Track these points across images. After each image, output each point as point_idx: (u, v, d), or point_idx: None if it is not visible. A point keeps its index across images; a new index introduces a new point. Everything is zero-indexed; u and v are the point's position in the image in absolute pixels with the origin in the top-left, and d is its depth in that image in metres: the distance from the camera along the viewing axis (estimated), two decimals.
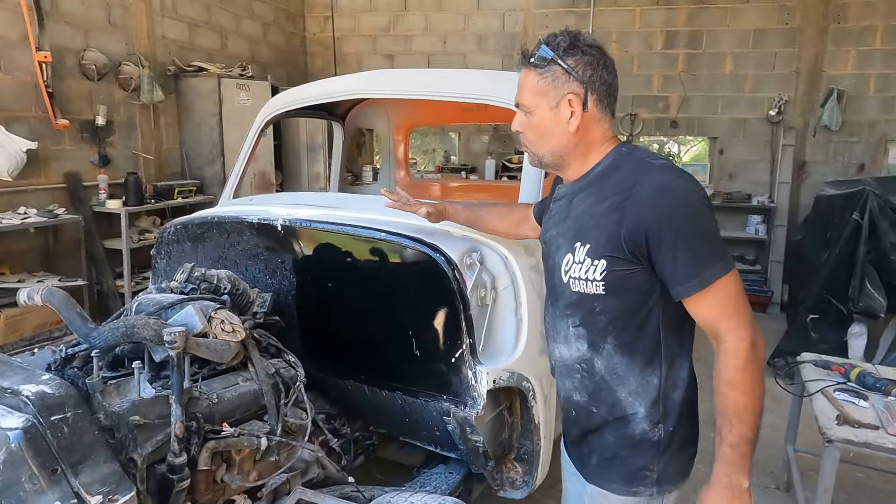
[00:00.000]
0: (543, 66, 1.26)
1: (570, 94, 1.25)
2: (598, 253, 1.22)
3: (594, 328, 1.29)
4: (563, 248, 1.31)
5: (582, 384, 1.36)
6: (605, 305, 1.26)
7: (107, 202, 4.70)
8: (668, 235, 1.16)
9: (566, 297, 1.32)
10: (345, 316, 2.09)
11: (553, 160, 1.34)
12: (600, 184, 1.28)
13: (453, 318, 1.84)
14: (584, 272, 1.25)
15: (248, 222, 2.20)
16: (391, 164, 3.88)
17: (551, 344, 1.44)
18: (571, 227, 1.30)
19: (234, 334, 1.63)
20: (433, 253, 1.84)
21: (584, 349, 1.32)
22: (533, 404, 2.03)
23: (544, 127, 1.30)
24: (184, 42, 5.72)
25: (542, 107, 1.28)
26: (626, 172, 1.24)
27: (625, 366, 1.29)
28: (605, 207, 1.23)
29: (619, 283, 1.22)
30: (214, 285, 1.87)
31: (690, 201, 1.18)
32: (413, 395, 1.97)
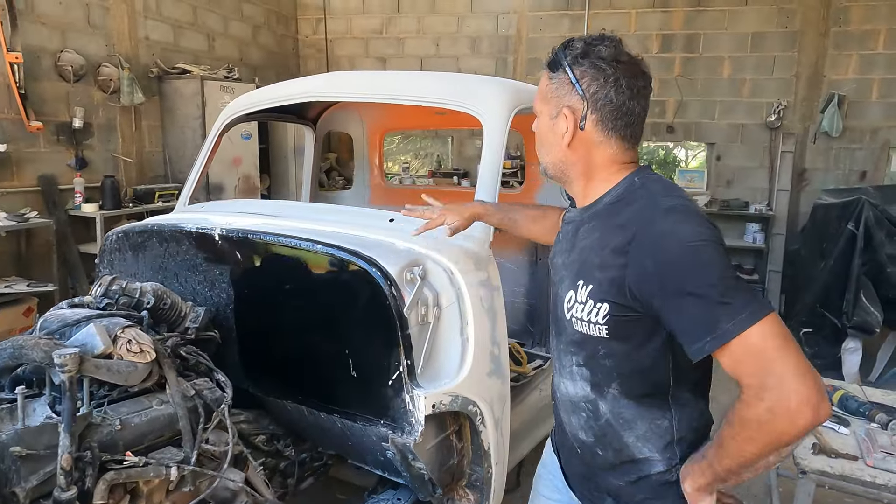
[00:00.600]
0: (555, 71, 1.17)
1: (567, 108, 1.15)
2: (600, 296, 1.11)
3: (598, 371, 1.19)
4: (566, 283, 1.20)
5: (587, 424, 1.25)
6: (608, 350, 1.15)
7: (82, 206, 4.62)
8: (674, 289, 1.01)
9: (569, 334, 1.22)
10: (282, 332, 1.97)
11: (555, 173, 1.25)
12: (608, 217, 1.15)
13: (389, 337, 1.71)
14: (586, 313, 1.14)
15: (186, 231, 2.08)
16: (365, 168, 3.76)
17: (556, 376, 1.33)
18: (576, 260, 1.19)
19: (143, 355, 1.51)
20: (369, 267, 1.71)
21: (588, 390, 1.22)
22: (482, 429, 1.90)
23: (543, 135, 1.22)
24: (168, 44, 5.64)
25: (544, 114, 1.21)
26: (634, 211, 1.11)
27: (632, 410, 1.18)
28: (610, 248, 1.11)
29: (623, 328, 1.11)
30: (136, 299, 1.75)
31: (696, 249, 1.01)
32: (351, 419, 1.84)
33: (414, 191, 4.12)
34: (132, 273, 2.28)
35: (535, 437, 2.60)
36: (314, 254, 1.82)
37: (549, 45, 4.91)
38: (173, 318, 1.88)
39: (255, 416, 2.17)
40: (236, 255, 1.99)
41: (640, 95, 1.15)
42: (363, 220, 2.09)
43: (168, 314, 1.86)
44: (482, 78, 2.34)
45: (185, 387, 1.66)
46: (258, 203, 2.43)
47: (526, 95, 2.30)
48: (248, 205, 2.41)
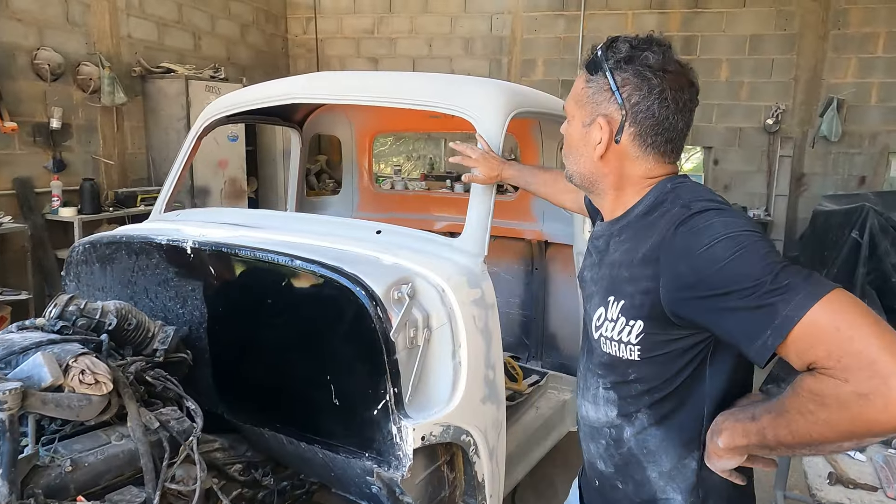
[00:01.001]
0: (594, 74, 1.07)
1: (603, 117, 1.05)
2: (633, 312, 1.01)
3: (626, 395, 1.10)
4: (595, 300, 1.12)
5: (608, 452, 1.16)
6: (640, 373, 1.05)
7: (60, 210, 4.44)
8: (716, 290, 0.89)
9: (598, 355, 1.12)
10: (258, 354, 1.82)
11: (582, 182, 1.16)
12: (639, 228, 1.06)
13: (375, 363, 1.56)
14: (616, 332, 1.04)
15: (156, 244, 1.93)
16: (354, 173, 3.60)
17: (579, 398, 1.24)
18: (606, 275, 1.10)
19: (98, 386, 1.36)
20: (353, 286, 1.56)
21: (614, 415, 1.12)
22: (475, 459, 1.75)
23: (573, 142, 1.13)
24: (152, 42, 5.46)
25: (577, 119, 1.11)
26: (663, 216, 1.01)
27: (658, 440, 1.08)
28: (639, 257, 1.02)
29: (659, 348, 1.01)
30: (96, 321, 1.59)
31: (733, 239, 0.90)
32: (333, 451, 1.69)
33: (405, 197, 3.98)
34: (100, 287, 2.12)
35: (530, 461, 2.46)
36: (293, 270, 1.67)
37: (544, 47, 4.82)
38: (139, 339, 1.72)
39: (230, 443, 2.01)
40: (209, 269, 1.84)
41: (685, 109, 1.04)
42: (348, 231, 1.94)
43: (133, 335, 1.70)
44: (476, 80, 2.20)
45: (148, 418, 1.51)
46: (237, 212, 2.28)
47: (522, 98, 2.16)
48: (225, 214, 2.25)
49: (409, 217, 3.51)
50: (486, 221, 1.86)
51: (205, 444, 1.92)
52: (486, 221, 1.86)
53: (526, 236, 3.17)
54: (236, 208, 2.90)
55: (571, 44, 6.53)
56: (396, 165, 7.60)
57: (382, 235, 1.90)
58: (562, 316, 3.16)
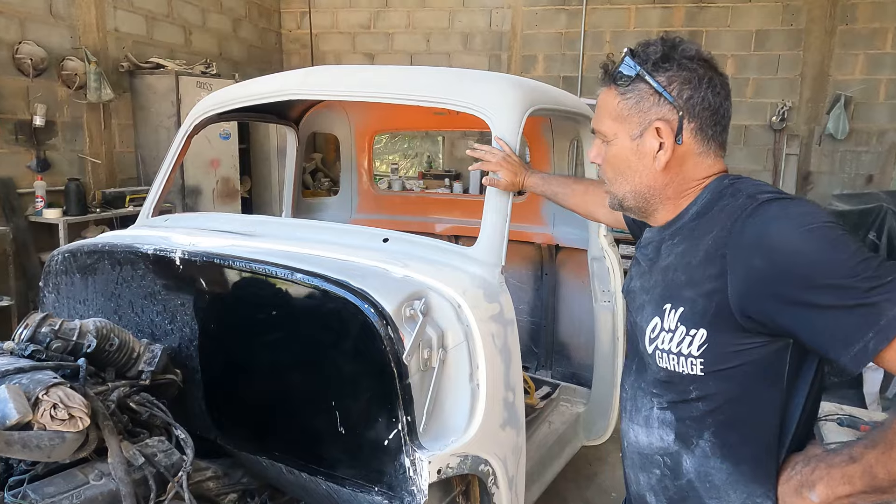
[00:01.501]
0: (626, 84, 0.99)
1: (658, 122, 0.97)
2: (695, 320, 0.91)
3: (686, 417, 0.98)
4: (647, 309, 1.02)
5: (661, 484, 1.04)
6: (704, 390, 0.94)
7: (44, 211, 4.25)
8: (802, 287, 0.80)
9: (653, 372, 1.02)
10: (255, 376, 1.65)
11: (637, 203, 1.05)
12: (694, 227, 0.98)
13: (385, 388, 1.40)
14: (675, 344, 0.94)
15: (141, 253, 1.76)
16: (353, 173, 3.44)
17: (626, 421, 1.12)
18: (659, 282, 1.01)
19: (72, 422, 1.19)
20: (360, 302, 1.40)
21: (670, 440, 1.01)
22: (494, 490, 1.60)
23: (623, 161, 1.03)
24: (140, 36, 5.26)
25: (622, 136, 1.02)
26: (725, 211, 0.93)
27: (725, 473, 0.95)
28: (699, 258, 0.93)
29: (726, 361, 0.90)
30: (73, 343, 1.42)
31: (819, 230, 0.81)
32: (338, 483, 1.53)
33: (406, 198, 3.82)
34: (81, 300, 1.95)
35: (545, 481, 2.31)
36: (293, 284, 1.51)
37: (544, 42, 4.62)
38: (123, 360, 1.56)
39: (225, 469, 1.85)
40: (200, 283, 1.67)
41: (729, 95, 1.01)
42: (352, 239, 1.78)
43: (116, 357, 1.53)
44: (490, 74, 2.04)
45: (131, 453, 1.34)
46: (231, 218, 2.11)
47: (539, 95, 2.00)
48: (218, 220, 2.08)
49: (410, 220, 3.35)
50: (504, 229, 1.71)
51: (196, 473, 1.76)
52: (504, 229, 1.71)
53: (535, 240, 3.02)
54: (230, 214, 2.73)
55: (573, 39, 6.38)
56: (393, 164, 7.43)
57: (390, 244, 1.74)
58: (573, 323, 3.01)
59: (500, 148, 1.72)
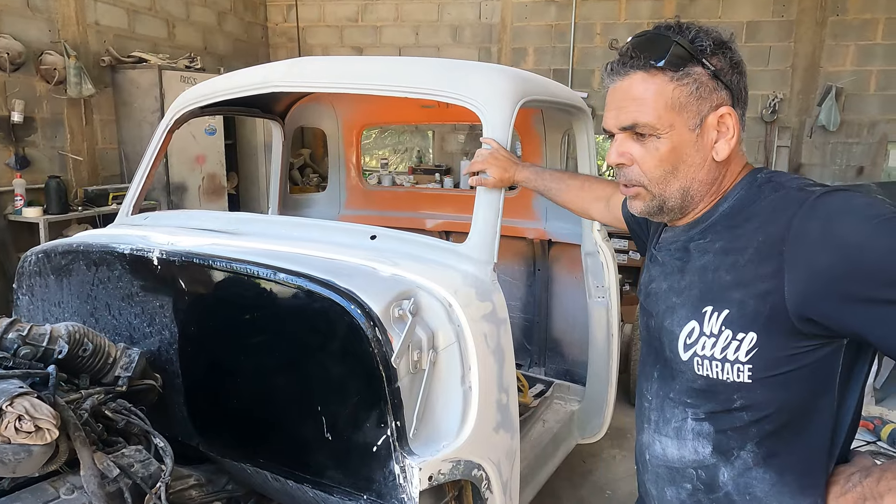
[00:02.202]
0: (680, 69, 0.90)
1: (722, 108, 0.91)
2: (743, 322, 0.85)
3: (727, 427, 0.92)
4: (680, 312, 0.95)
5: (693, 499, 0.98)
6: (750, 398, 0.88)
7: (24, 210, 4.14)
8: (877, 283, 0.75)
9: (687, 380, 0.95)
10: (237, 381, 1.59)
11: (682, 202, 0.96)
12: (731, 224, 0.92)
13: (373, 392, 1.34)
14: (719, 350, 0.87)
15: (118, 253, 1.68)
16: (341, 168, 3.36)
17: (649, 432, 1.05)
18: (695, 283, 0.94)
19: (40, 434, 1.12)
20: (346, 303, 1.34)
21: (707, 453, 0.95)
22: (488, 496, 1.55)
23: (680, 156, 0.93)
24: (122, 30, 5.14)
25: (679, 127, 0.92)
26: (773, 206, 0.87)
27: (768, 485, 0.91)
28: (747, 256, 0.87)
29: (777, 367, 0.85)
30: (43, 348, 1.35)
31: (888, 220, 0.77)
32: (326, 491, 1.47)
33: (395, 194, 3.75)
34: (56, 302, 1.87)
35: (539, 481, 2.26)
36: (277, 284, 1.45)
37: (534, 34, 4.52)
38: (98, 365, 1.48)
39: (208, 476, 1.78)
40: (179, 283, 1.60)
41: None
42: (338, 237, 1.72)
43: (90, 363, 1.46)
44: (480, 65, 1.97)
45: (105, 465, 1.27)
46: (213, 216, 2.03)
47: (531, 86, 1.94)
48: (200, 218, 2.01)
49: (400, 215, 3.29)
50: (496, 224, 1.65)
51: (178, 481, 1.69)
52: (496, 224, 1.65)
53: (528, 235, 2.96)
54: (212, 211, 2.66)
55: (563, 32, 6.31)
56: (383, 158, 7.34)
57: (378, 241, 1.68)
58: (566, 320, 2.96)
59: (488, 146, 1.65)
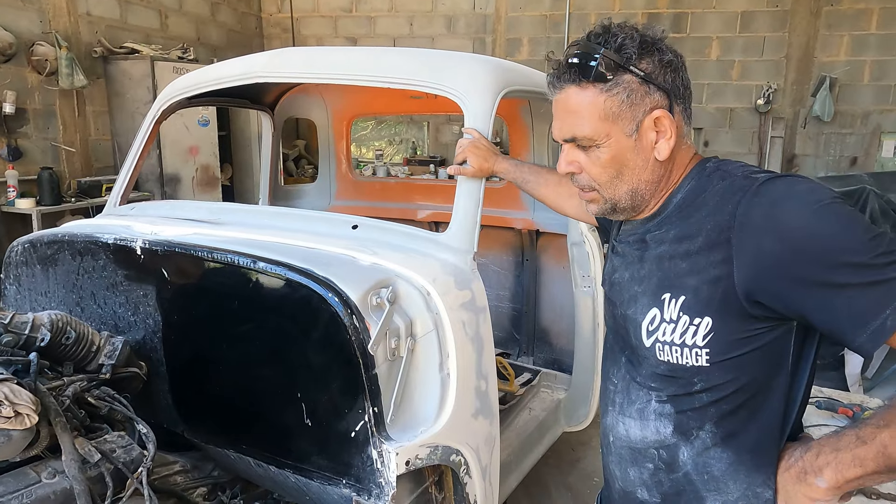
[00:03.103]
0: (608, 80, 0.91)
1: (656, 112, 0.92)
2: (698, 308, 0.88)
3: (687, 408, 0.95)
4: (641, 300, 0.98)
5: (654, 479, 1.01)
6: (709, 381, 0.91)
7: (17, 201, 4.15)
8: (818, 266, 0.78)
9: (650, 366, 0.98)
10: (219, 368, 1.61)
11: (632, 202, 0.99)
12: (684, 214, 0.95)
13: (351, 379, 1.36)
14: (678, 335, 0.90)
15: (102, 243, 1.70)
16: (331, 159, 3.37)
17: (613, 414, 1.08)
18: (654, 271, 0.96)
19: (20, 419, 1.14)
20: (324, 291, 1.36)
21: (668, 433, 0.98)
22: (466, 480, 1.57)
23: (621, 162, 0.95)
24: (114, 20, 5.13)
25: (616, 135, 0.93)
26: (720, 194, 0.89)
27: (725, 463, 0.94)
28: (699, 244, 0.89)
29: (733, 350, 0.88)
30: (25, 336, 1.37)
31: (831, 207, 0.79)
32: (306, 476, 1.50)
33: (386, 184, 3.76)
34: (42, 292, 1.89)
35: (524, 468, 2.29)
36: (256, 273, 1.46)
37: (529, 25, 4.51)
38: (81, 353, 1.50)
39: (194, 462, 1.81)
40: (162, 272, 1.62)
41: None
42: (321, 227, 1.73)
43: (73, 350, 1.48)
44: (462, 55, 1.98)
45: (87, 450, 1.29)
46: (198, 206, 2.05)
47: (513, 76, 1.95)
48: (185, 209, 2.02)
49: (390, 206, 3.30)
50: (476, 213, 1.67)
51: (163, 468, 1.72)
52: (476, 213, 1.67)
53: (515, 225, 2.98)
54: (198, 201, 2.67)
55: (558, 22, 6.30)
56: (378, 150, 7.34)
57: (359, 230, 1.69)
58: (554, 309, 2.98)
59: (469, 136, 1.66)
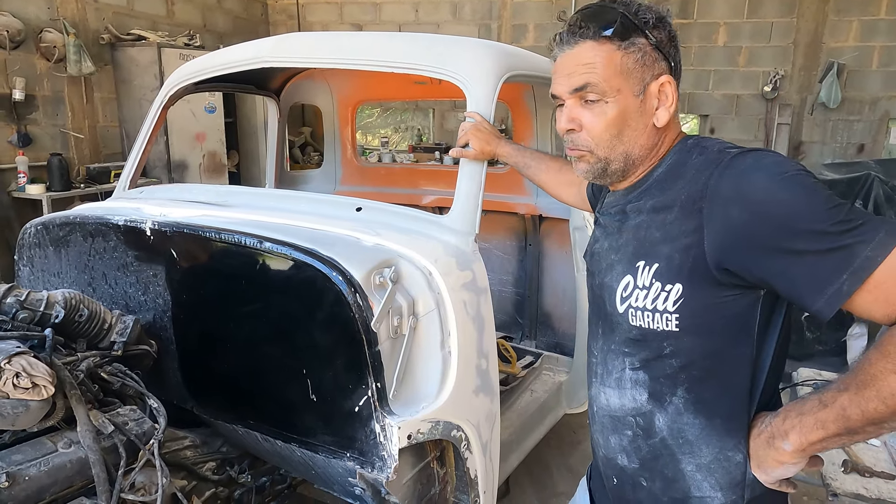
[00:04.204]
0: (626, 39, 0.95)
1: (663, 77, 0.97)
2: (670, 275, 0.92)
3: (659, 374, 0.98)
4: (617, 268, 1.01)
5: (633, 445, 1.05)
6: (678, 346, 0.94)
7: (27, 187, 4.21)
8: (780, 234, 0.81)
9: (623, 331, 1.01)
10: (227, 346, 1.66)
11: (623, 166, 1.01)
12: (663, 187, 0.98)
13: (354, 355, 1.40)
14: (650, 301, 0.94)
15: (112, 224, 1.74)
16: (337, 144, 3.40)
17: (595, 385, 1.12)
18: (630, 240, 1.00)
19: (37, 390, 1.19)
20: (329, 271, 1.40)
21: (643, 400, 1.01)
22: (467, 455, 1.62)
23: (624, 120, 0.97)
24: (121, 7, 5.15)
25: (625, 92, 0.96)
26: (696, 167, 0.94)
27: (697, 429, 0.97)
28: (674, 214, 0.93)
29: (701, 316, 0.91)
30: (40, 313, 1.42)
31: (794, 178, 0.82)
32: (312, 450, 1.55)
33: (391, 170, 3.79)
34: (55, 273, 1.94)
35: (525, 448, 2.34)
36: (262, 253, 1.50)
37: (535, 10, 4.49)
38: (93, 331, 1.55)
39: (204, 438, 1.87)
40: (171, 253, 1.66)
41: None
42: (325, 209, 1.77)
43: (86, 328, 1.53)
44: (465, 40, 1.99)
45: (101, 421, 1.34)
46: (206, 189, 2.09)
47: (516, 61, 1.97)
48: (193, 192, 2.06)
49: (395, 192, 3.33)
50: (478, 196, 1.70)
51: (173, 443, 1.78)
52: (478, 196, 1.70)
53: (519, 211, 3.00)
54: (205, 185, 2.71)
55: (564, 8, 6.26)
56: (384, 137, 7.36)
57: (363, 213, 1.73)
58: (557, 294, 3.02)
59: (471, 120, 1.68)
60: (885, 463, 1.83)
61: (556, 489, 2.76)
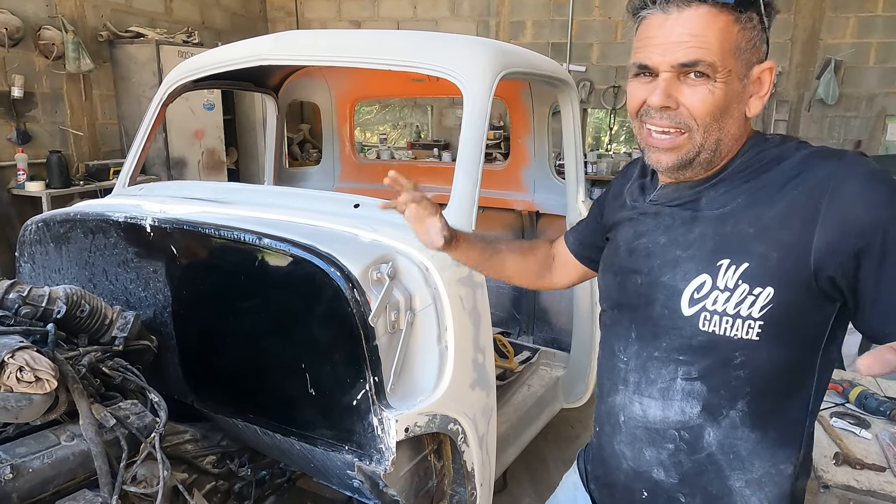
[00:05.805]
0: (746, 11, 0.83)
1: (767, 63, 0.87)
2: (763, 277, 0.82)
3: (720, 386, 0.89)
4: (685, 266, 0.89)
5: (673, 460, 0.96)
6: (752, 356, 0.86)
7: (27, 184, 4.22)
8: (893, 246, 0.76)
9: (684, 336, 0.90)
10: (226, 340, 1.68)
11: (711, 156, 0.88)
12: (751, 178, 0.87)
13: (352, 350, 1.42)
14: (731, 305, 0.83)
15: (113, 221, 1.76)
16: (335, 142, 3.42)
17: (625, 394, 1.00)
18: (709, 235, 0.88)
19: (40, 384, 1.21)
20: (327, 266, 1.42)
21: (694, 413, 0.92)
22: (464, 448, 1.64)
23: (727, 104, 0.85)
24: (119, 4, 5.15)
25: (735, 73, 0.84)
26: (805, 161, 0.84)
27: (752, 443, 0.91)
28: (778, 209, 0.83)
29: (786, 325, 0.83)
30: (42, 308, 1.44)
31: None
32: (311, 443, 1.57)
33: (389, 167, 3.79)
34: (56, 269, 1.96)
35: (522, 442, 2.36)
36: (261, 249, 1.52)
37: (533, 8, 4.52)
38: (95, 326, 1.57)
39: (204, 432, 1.89)
40: (171, 249, 1.68)
41: None
42: (323, 206, 1.79)
43: (87, 323, 1.55)
44: (461, 37, 2.01)
45: (103, 415, 1.36)
46: (205, 186, 2.11)
47: (512, 58, 1.99)
48: (193, 188, 2.08)
49: (393, 188, 3.34)
50: (474, 192, 1.72)
51: (174, 436, 1.80)
52: (474, 192, 1.72)
53: (516, 207, 3.02)
54: (205, 182, 2.73)
55: (561, 5, 6.27)
56: (382, 134, 7.37)
57: (361, 209, 1.75)
58: (553, 290, 3.04)
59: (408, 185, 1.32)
60: (876, 455, 1.85)
61: (553, 483, 2.76)
